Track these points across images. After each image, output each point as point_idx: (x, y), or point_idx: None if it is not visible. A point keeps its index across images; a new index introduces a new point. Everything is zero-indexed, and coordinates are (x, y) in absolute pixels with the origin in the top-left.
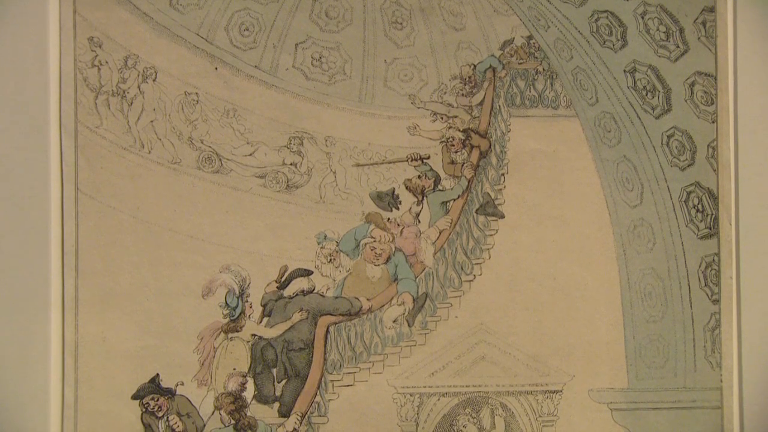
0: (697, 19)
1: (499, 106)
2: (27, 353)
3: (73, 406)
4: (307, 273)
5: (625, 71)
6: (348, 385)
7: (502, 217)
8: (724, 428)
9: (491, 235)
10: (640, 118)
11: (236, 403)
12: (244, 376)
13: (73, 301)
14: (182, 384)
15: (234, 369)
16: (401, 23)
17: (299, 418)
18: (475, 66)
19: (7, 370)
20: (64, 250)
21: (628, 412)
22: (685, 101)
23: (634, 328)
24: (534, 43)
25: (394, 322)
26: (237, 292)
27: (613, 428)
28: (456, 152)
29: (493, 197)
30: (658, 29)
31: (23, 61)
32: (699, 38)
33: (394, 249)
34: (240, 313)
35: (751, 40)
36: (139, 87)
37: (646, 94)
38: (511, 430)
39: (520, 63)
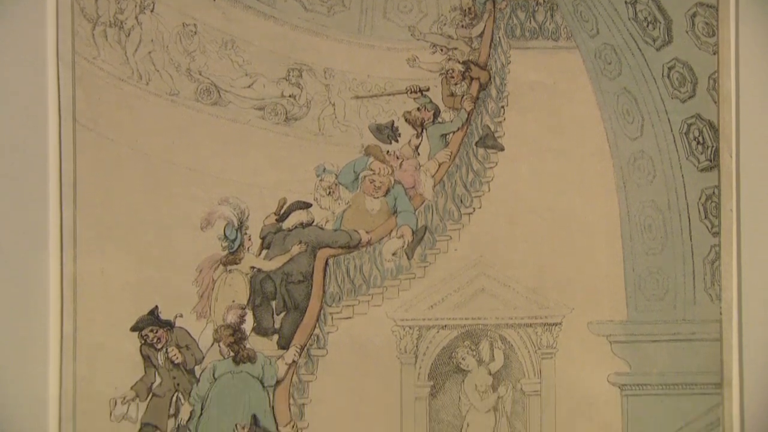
0: None
1: (499, 37)
2: (26, 286)
3: (72, 338)
4: (306, 206)
5: (626, 2)
6: (347, 318)
7: (502, 149)
8: (723, 360)
9: (491, 167)
10: (640, 50)
11: (235, 335)
12: (243, 309)
13: (71, 234)
14: (181, 316)
15: (233, 301)
16: None
17: (298, 351)
18: None
19: (6, 302)
20: (62, 183)
21: (627, 345)
22: (686, 33)
23: (634, 261)
24: None
25: (393, 254)
26: (236, 225)
27: (612, 360)
28: (455, 84)
29: (492, 130)
30: None
31: None
32: None
33: (393, 181)
34: (239, 246)
35: None
36: (136, 18)
37: (647, 26)
38: (510, 363)
39: None
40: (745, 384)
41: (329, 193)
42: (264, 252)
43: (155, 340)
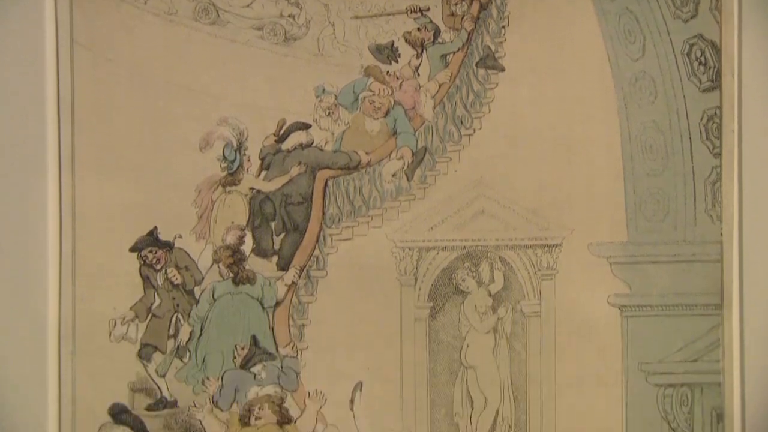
0: None
1: None
2: (24, 207)
3: (70, 259)
4: (305, 126)
5: None
6: (347, 239)
7: (503, 70)
8: (724, 281)
9: (491, 88)
10: None
11: (235, 256)
12: (243, 230)
13: (69, 155)
14: (180, 237)
15: (232, 222)
16: None
17: (298, 272)
18: None
19: (4, 224)
20: (59, 104)
21: (627, 266)
22: None
23: (635, 182)
24: None
25: (393, 176)
26: (235, 146)
27: (612, 282)
28: (456, 4)
29: (493, 50)
30: None
31: None
32: None
33: (393, 102)
34: (238, 167)
35: None
36: None
37: None
38: (509, 284)
39: None
40: (745, 305)
41: (329, 113)
42: (263, 173)
43: (154, 261)
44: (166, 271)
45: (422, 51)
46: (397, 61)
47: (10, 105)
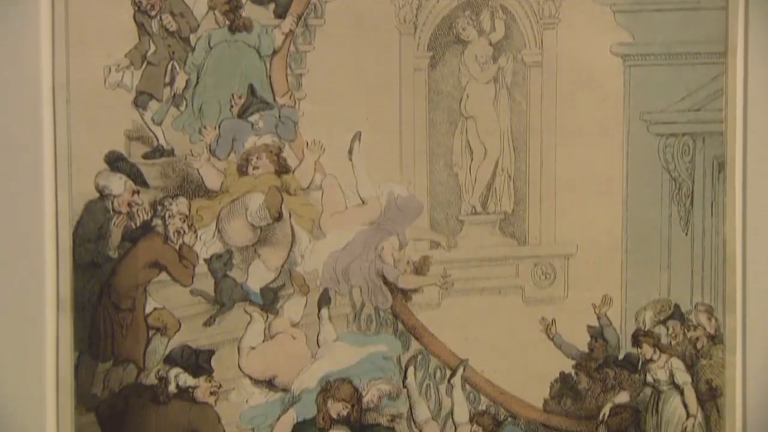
0: None
1: None
2: None
3: (64, 6)
4: None
5: None
6: None
7: None
8: (729, 28)
9: None
10: None
11: (231, 3)
12: None
13: None
14: None
15: None
16: None
17: (295, 20)
18: None
19: None
20: None
21: (631, 14)
22: None
23: None
24: None
25: None
26: None
27: (616, 30)
28: None
29: None
30: None
31: None
32: None
33: None
34: None
35: None
36: None
37: None
38: (511, 33)
39: None
40: (749, 54)
41: None
42: None
43: (149, 8)
44: (161, 17)
45: None
46: None
47: None
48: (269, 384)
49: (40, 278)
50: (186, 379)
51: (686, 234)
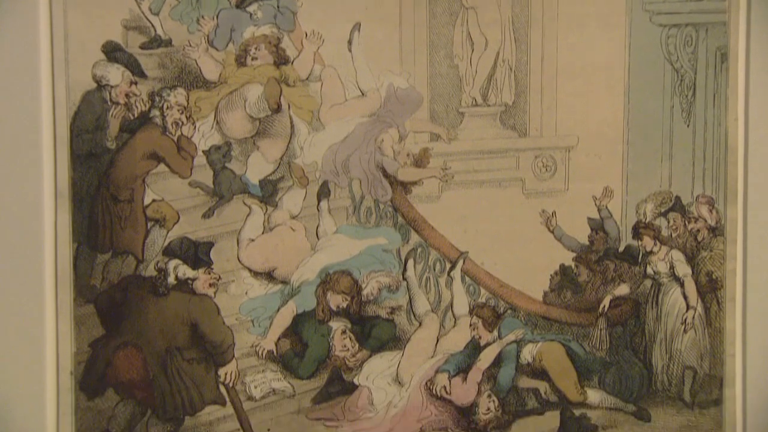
0: None
1: None
2: None
3: None
4: None
5: None
6: None
7: None
8: None
9: None
10: None
11: None
12: None
13: None
14: None
15: None
16: None
17: None
18: None
19: None
20: None
21: None
22: None
23: None
24: None
25: None
26: None
27: None
28: None
29: None
30: None
31: None
32: None
33: None
34: None
35: None
36: None
37: None
38: None
39: None
40: None
41: None
42: None
43: None
44: None
45: None
46: None
47: None
48: (268, 276)
49: (38, 169)
50: (185, 271)
51: (688, 125)
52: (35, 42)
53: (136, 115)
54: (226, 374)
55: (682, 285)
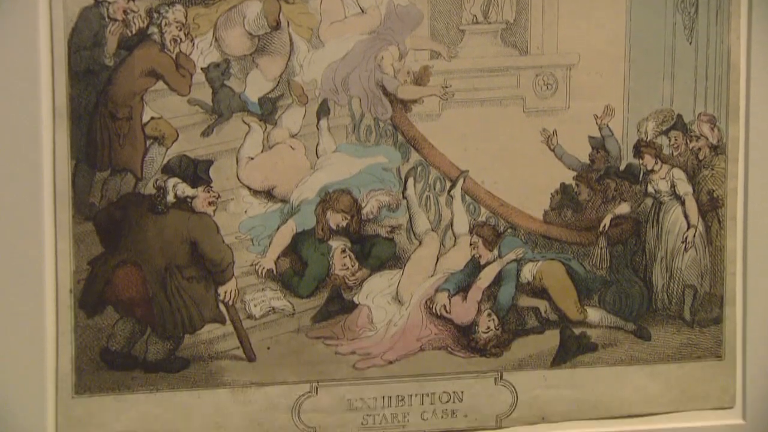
0: None
1: None
2: None
3: None
4: None
5: None
6: None
7: None
8: None
9: None
10: None
11: None
12: None
13: None
14: None
15: None
16: None
17: None
18: None
19: None
20: None
21: None
22: None
23: None
24: None
25: None
26: None
27: None
28: None
29: None
30: None
31: None
32: None
33: None
34: None
35: None
36: None
37: None
38: None
39: None
40: None
41: None
42: None
43: None
44: None
45: None
46: None
47: None
48: (268, 194)
49: (36, 86)
50: (184, 189)
51: (690, 43)
52: None
53: (134, 32)
54: (225, 293)
55: (683, 203)
